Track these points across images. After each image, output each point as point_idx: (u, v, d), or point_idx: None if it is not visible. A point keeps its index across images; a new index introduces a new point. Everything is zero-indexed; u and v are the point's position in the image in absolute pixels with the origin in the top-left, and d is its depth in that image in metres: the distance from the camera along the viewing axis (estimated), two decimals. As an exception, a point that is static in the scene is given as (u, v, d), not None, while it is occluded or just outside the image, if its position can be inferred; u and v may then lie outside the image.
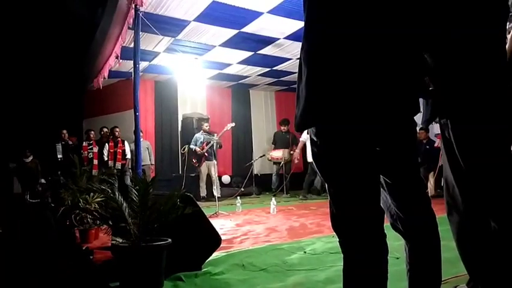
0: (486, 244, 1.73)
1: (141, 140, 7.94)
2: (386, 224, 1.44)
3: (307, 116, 1.38)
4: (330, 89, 1.33)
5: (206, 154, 8.06)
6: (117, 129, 7.91)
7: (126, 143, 7.91)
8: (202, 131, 8.38)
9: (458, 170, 1.75)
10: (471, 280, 1.86)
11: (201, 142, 8.20)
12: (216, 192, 6.99)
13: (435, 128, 6.64)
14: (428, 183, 6.85)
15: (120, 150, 7.81)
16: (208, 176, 8.28)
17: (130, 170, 7.68)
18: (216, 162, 7.72)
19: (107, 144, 7.83)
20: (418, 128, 1.57)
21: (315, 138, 1.40)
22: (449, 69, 1.68)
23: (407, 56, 1.40)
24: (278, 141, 9.53)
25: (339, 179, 1.37)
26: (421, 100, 1.66)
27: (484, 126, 1.62)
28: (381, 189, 1.46)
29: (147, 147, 8.21)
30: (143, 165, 7.02)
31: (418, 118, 1.57)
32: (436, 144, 7.15)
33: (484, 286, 1.75)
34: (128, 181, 7.38)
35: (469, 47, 1.64)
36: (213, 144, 7.76)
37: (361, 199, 1.35)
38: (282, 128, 9.49)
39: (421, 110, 1.69)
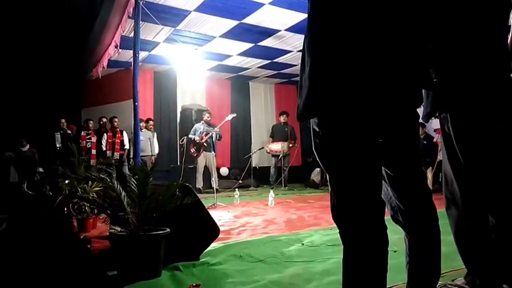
0: (484, 238, 1.74)
1: (144, 130, 7.92)
2: (387, 217, 1.44)
3: (309, 106, 1.38)
4: (333, 80, 1.32)
5: (205, 144, 8.03)
6: (116, 120, 7.89)
7: (124, 133, 7.89)
8: (202, 121, 8.34)
9: (457, 164, 1.75)
10: (469, 274, 1.87)
11: (200, 132, 8.16)
12: (214, 184, 6.98)
13: (434, 123, 6.65)
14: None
15: (119, 141, 7.79)
16: (206, 168, 8.26)
17: (131, 160, 7.66)
18: (215, 154, 7.69)
19: (105, 134, 7.81)
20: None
21: (317, 129, 1.39)
22: (450, 64, 1.68)
23: (410, 48, 1.39)
24: (276, 134, 9.51)
25: (340, 170, 1.37)
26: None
27: (484, 121, 1.62)
28: (382, 181, 1.46)
29: (149, 137, 8.14)
30: (144, 156, 6.99)
31: (419, 112, 1.56)
32: (434, 140, 7.18)
33: (481, 280, 1.76)
34: (126, 171, 7.38)
35: (470, 43, 1.64)
36: (212, 136, 7.73)
37: (362, 190, 1.35)
38: (282, 118, 9.45)
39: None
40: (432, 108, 1.81)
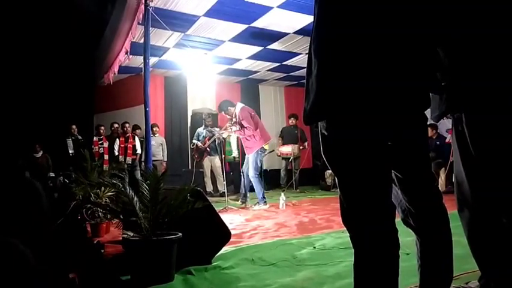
0: (497, 240, 1.71)
1: (157, 135, 8.06)
2: (398, 219, 1.43)
3: (316, 109, 1.38)
4: (341, 82, 1.33)
5: (208, 149, 8.10)
6: (127, 125, 7.98)
7: (136, 138, 7.97)
8: (204, 125, 8.42)
9: (469, 165, 1.72)
10: (483, 276, 1.84)
11: (203, 137, 8.24)
12: (221, 187, 6.98)
13: (446, 124, 6.58)
14: (439, 179, 6.80)
15: (131, 146, 7.88)
16: (212, 172, 8.31)
17: (142, 164, 7.73)
18: (220, 157, 7.73)
19: (117, 139, 7.90)
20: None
21: (325, 132, 1.39)
22: (463, 64, 1.66)
23: (419, 51, 1.39)
24: (286, 136, 9.48)
25: (349, 173, 1.37)
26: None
27: (499, 118, 1.60)
28: (392, 184, 1.45)
29: (161, 143, 8.30)
30: (155, 160, 7.07)
31: (428, 113, 1.55)
32: (447, 140, 7.08)
33: (496, 282, 1.74)
34: (139, 176, 7.44)
35: (482, 42, 1.62)
36: (215, 139, 7.77)
37: (371, 193, 1.34)
38: (290, 121, 9.44)
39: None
40: (446, 109, 1.79)
